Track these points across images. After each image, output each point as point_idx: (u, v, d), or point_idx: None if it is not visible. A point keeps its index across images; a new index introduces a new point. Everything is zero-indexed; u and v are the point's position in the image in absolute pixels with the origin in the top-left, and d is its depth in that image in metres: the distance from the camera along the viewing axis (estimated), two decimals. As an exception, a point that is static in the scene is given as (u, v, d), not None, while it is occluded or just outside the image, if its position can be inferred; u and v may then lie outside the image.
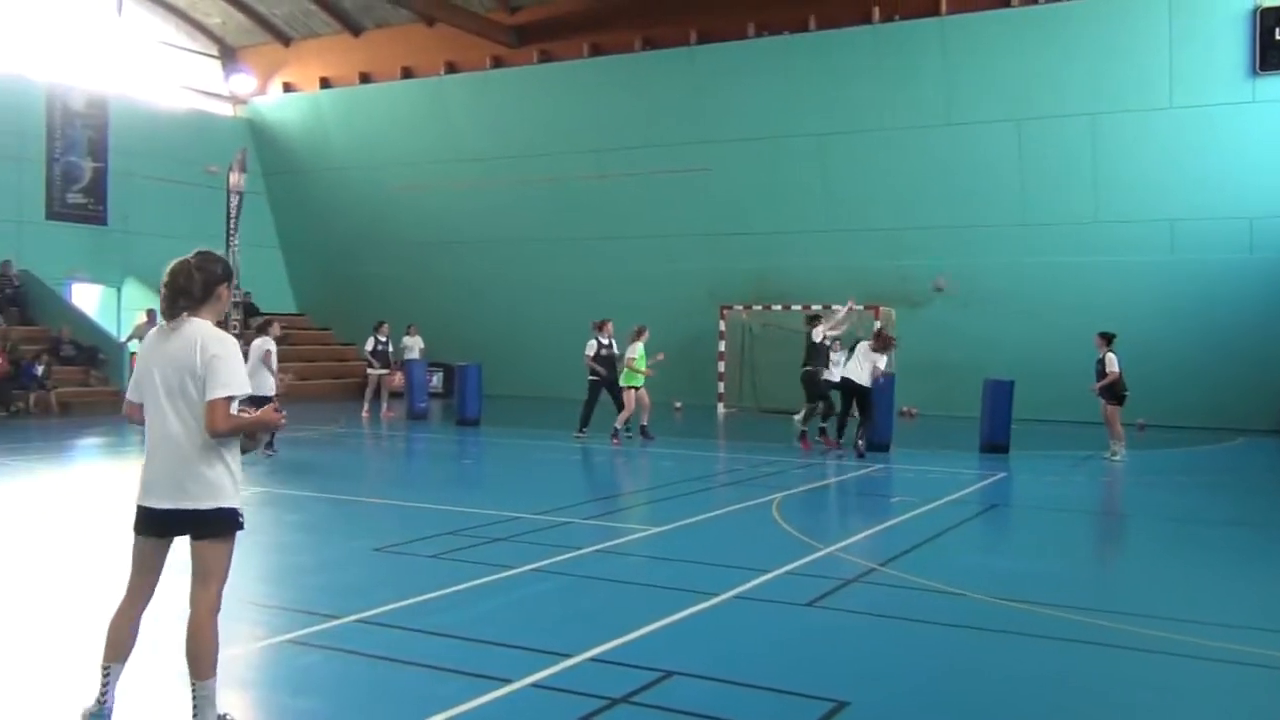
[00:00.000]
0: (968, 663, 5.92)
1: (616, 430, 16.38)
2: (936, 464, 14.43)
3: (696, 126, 24.19)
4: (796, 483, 12.67)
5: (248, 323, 22.91)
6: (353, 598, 6.80)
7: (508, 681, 5.25)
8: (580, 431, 16.83)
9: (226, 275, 4.76)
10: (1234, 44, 19.63)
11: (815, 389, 16.01)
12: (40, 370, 20.40)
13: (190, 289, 4.61)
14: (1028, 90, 21.05)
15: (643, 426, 16.72)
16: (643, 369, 16.47)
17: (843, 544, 8.81)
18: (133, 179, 25.69)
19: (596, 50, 25.93)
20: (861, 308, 17.79)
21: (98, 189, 25.37)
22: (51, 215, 24.49)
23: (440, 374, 25.80)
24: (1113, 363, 15.01)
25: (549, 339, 25.09)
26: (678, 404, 22.35)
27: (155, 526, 4.53)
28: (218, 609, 4.58)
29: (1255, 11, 19.44)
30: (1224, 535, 10.17)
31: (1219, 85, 19.76)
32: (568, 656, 5.65)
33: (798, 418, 16.41)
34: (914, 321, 22.39)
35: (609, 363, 16.88)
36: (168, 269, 4.71)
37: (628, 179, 25.07)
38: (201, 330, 4.54)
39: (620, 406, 16.65)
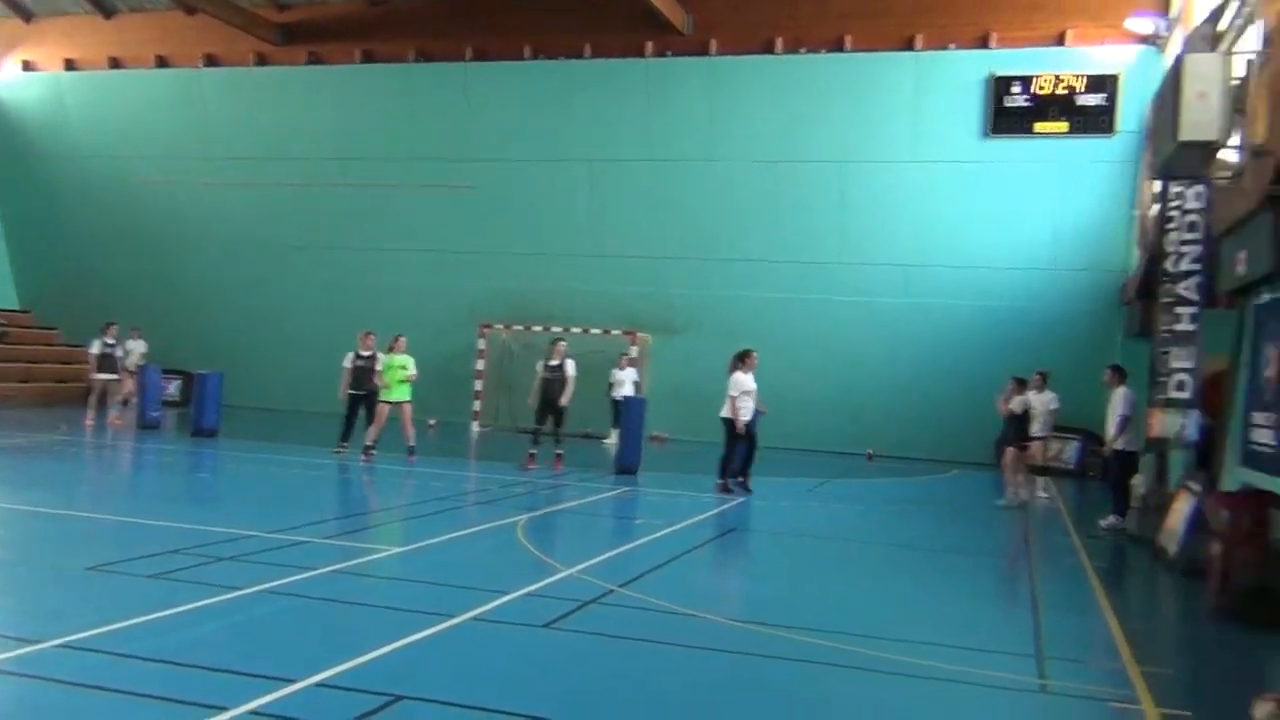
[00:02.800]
0: (700, 683, 6.07)
1: (367, 447, 15.90)
2: (682, 488, 14.80)
3: (466, 143, 24.05)
4: (544, 504, 12.71)
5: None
6: (55, 621, 6.28)
7: (222, 709, 4.97)
8: (340, 446, 16.25)
9: None
10: (970, 107, 21.34)
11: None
12: None
13: None
14: (784, 133, 22.14)
15: (409, 447, 16.16)
16: (393, 380, 15.98)
17: (585, 565, 8.87)
18: None
19: (368, 57, 25.35)
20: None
21: None
22: None
23: (178, 382, 24.39)
24: (1023, 403, 15.10)
25: (301, 350, 24.20)
26: (431, 421, 21.98)
27: None
28: None
29: (989, 79, 21.19)
30: (941, 561, 10.91)
31: (955, 144, 21.41)
32: (291, 681, 5.42)
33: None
34: (669, 349, 23.00)
35: (367, 376, 16.36)
36: None
37: (392, 190, 24.61)
38: None
39: (370, 421, 16.22)
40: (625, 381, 21.02)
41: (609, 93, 23.32)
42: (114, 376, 19.83)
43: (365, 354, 16.52)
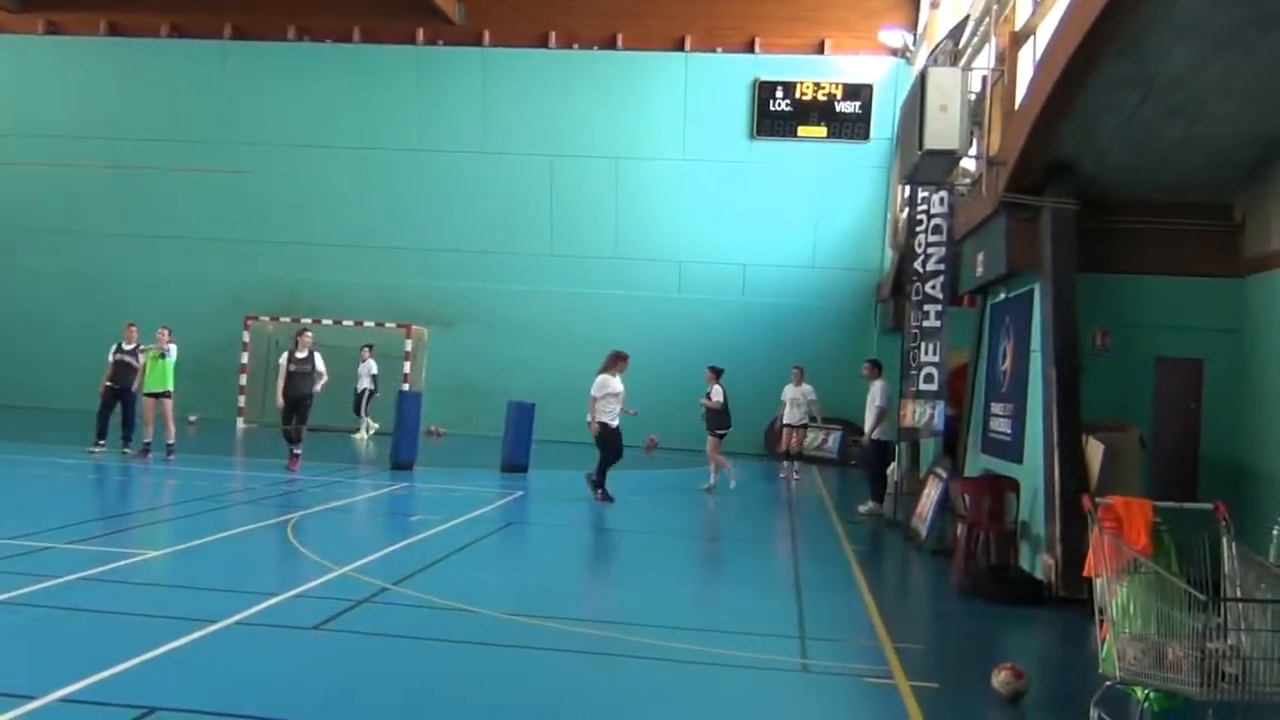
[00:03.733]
0: (470, 678, 6.03)
1: (147, 445, 14.97)
2: (459, 482, 14.67)
3: (226, 125, 22.97)
4: (316, 501, 12.31)
5: None
6: None
7: (-49, 732, 4.57)
8: (96, 445, 15.16)
9: None
10: (737, 109, 22.10)
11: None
12: None
13: None
14: (559, 128, 22.28)
15: (168, 445, 15.29)
16: (153, 373, 15.17)
17: (358, 564, 8.65)
18: None
19: (115, 29, 23.75)
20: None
21: None
22: None
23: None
24: (717, 394, 15.89)
25: (48, 340, 22.47)
26: (192, 418, 20.88)
27: None
28: None
29: (755, 83, 22.01)
30: (709, 548, 11.27)
31: (724, 144, 22.14)
32: (31, 699, 5.03)
33: None
34: (444, 343, 22.74)
35: (128, 370, 15.36)
36: None
37: (146, 172, 23.20)
38: None
39: (129, 417, 15.27)
40: (364, 374, 20.88)
41: (378, 79, 22.81)
42: None
43: (128, 347, 15.56)
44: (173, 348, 15.41)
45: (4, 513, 10.68)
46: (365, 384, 20.95)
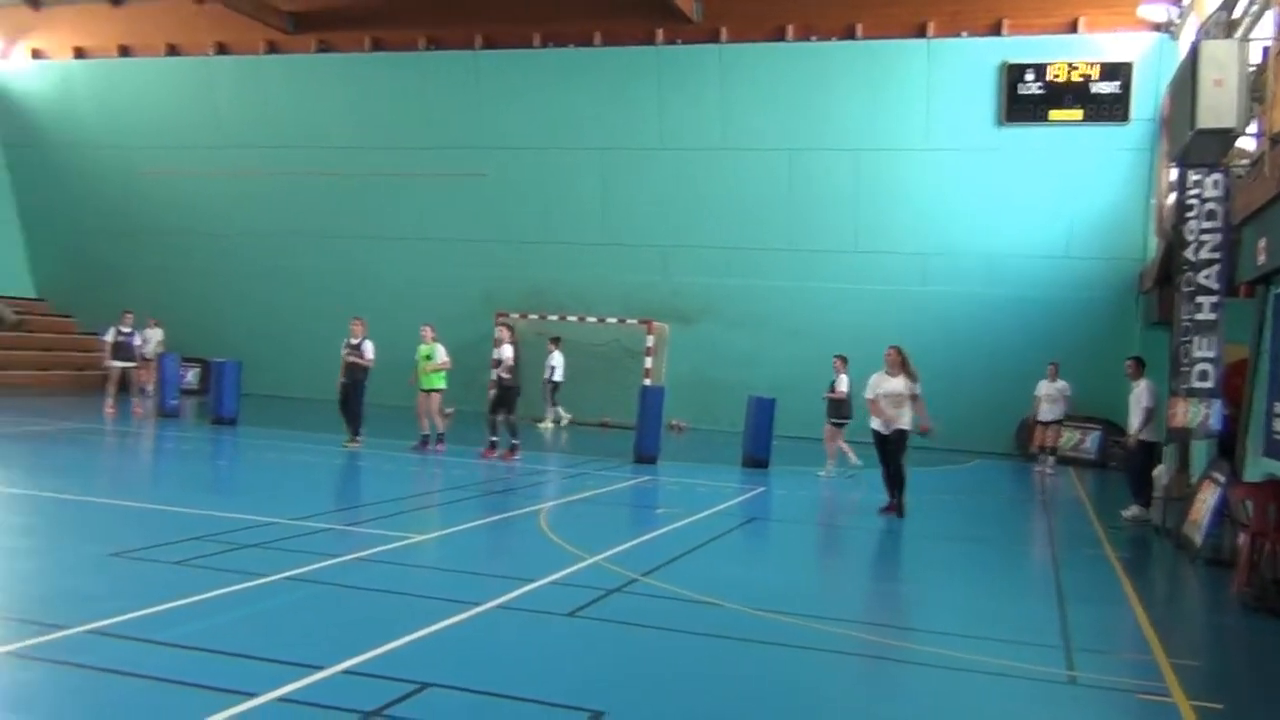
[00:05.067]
0: (722, 671, 6.06)
1: (426, 439, 15.81)
2: (701, 477, 14.79)
3: (477, 131, 24.03)
4: (564, 492, 12.72)
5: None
6: (83, 606, 6.30)
7: (250, 695, 4.98)
8: (355, 438, 16.14)
9: None
10: (984, 95, 21.22)
11: None
12: None
13: None
14: (798, 121, 22.05)
15: (424, 436, 16.14)
16: (421, 370, 15.99)
17: (607, 554, 8.87)
18: None
19: (378, 45, 25.32)
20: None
21: None
22: None
23: (196, 370, 24.45)
24: (844, 384, 15.80)
25: (315, 338, 24.21)
26: (448, 410, 22.00)
27: None
28: None
29: (1003, 67, 21.08)
30: (965, 551, 10.89)
31: (969, 132, 21.30)
32: (318, 669, 5.42)
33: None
34: (684, 338, 22.99)
35: (348, 365, 16.13)
36: None
37: (405, 179, 24.60)
38: None
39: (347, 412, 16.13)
40: (551, 365, 21.58)
41: (620, 80, 23.26)
42: (131, 364, 19.85)
43: (354, 342, 16.23)
44: (440, 347, 15.97)
45: (288, 496, 11.59)
46: (556, 375, 21.71)
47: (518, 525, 10.47)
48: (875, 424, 12.25)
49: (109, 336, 19.75)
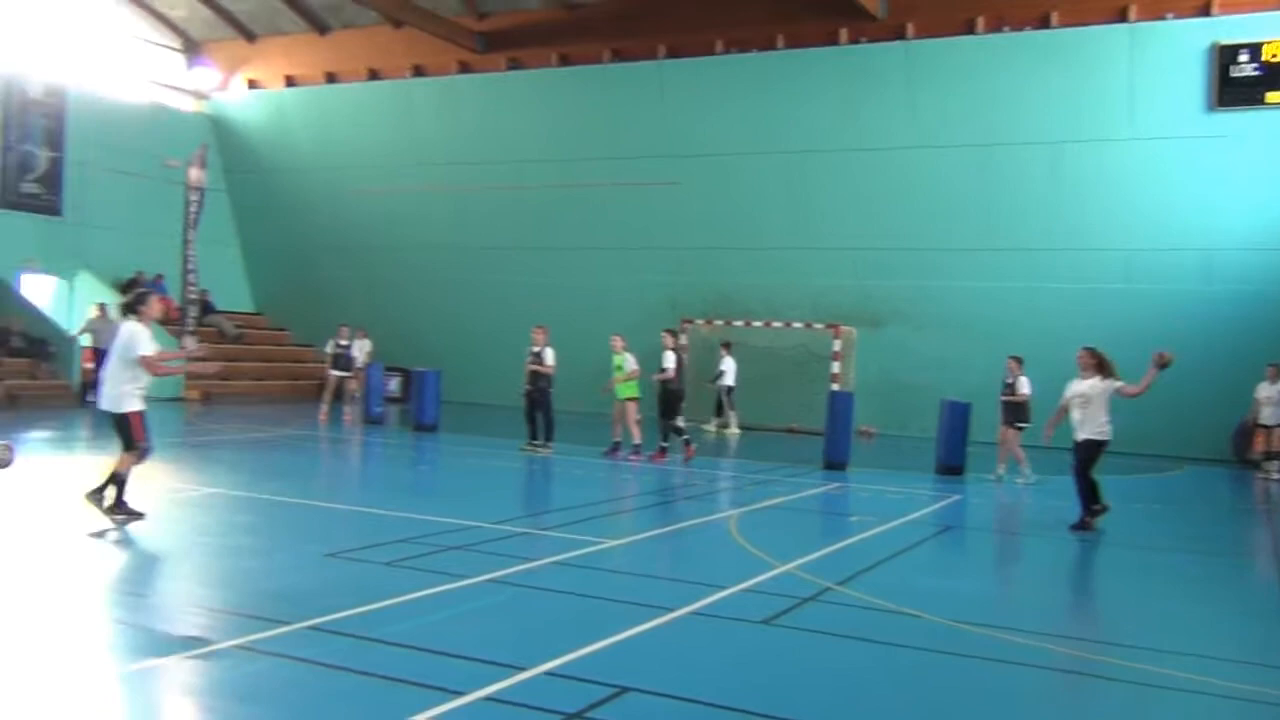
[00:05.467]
0: (921, 684, 5.91)
1: (619, 444, 16.07)
2: (892, 484, 14.48)
3: (663, 140, 24.26)
4: (754, 499, 12.66)
5: (203, 319, 22.68)
6: (303, 603, 6.67)
7: (460, 694, 5.17)
8: (532, 442, 16.54)
9: None
10: (1193, 79, 19.99)
11: None
12: (-13, 362, 19.95)
13: None
14: (990, 116, 21.31)
15: (615, 443, 16.25)
16: (617, 379, 16.18)
17: (800, 562, 8.79)
18: (89, 170, 25.28)
19: (565, 60, 25.92)
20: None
21: (53, 179, 24.94)
22: (4, 204, 24.02)
23: (398, 379, 25.58)
24: (1026, 385, 15.14)
25: (508, 347, 24.87)
26: (638, 416, 22.33)
27: None
28: None
29: (1213, 48, 19.81)
30: (1176, 561, 10.28)
31: (1177, 119, 20.10)
32: (521, 670, 5.58)
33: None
34: (873, 342, 22.57)
35: (533, 372, 16.46)
36: None
37: (592, 190, 25.06)
38: None
39: (532, 419, 16.43)
40: (724, 371, 21.50)
41: (805, 83, 23.02)
42: (346, 374, 21.12)
43: (535, 350, 16.52)
44: (629, 356, 16.09)
45: (486, 500, 11.99)
46: (728, 380, 21.68)
47: (708, 531, 10.50)
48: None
49: (329, 348, 21.03)
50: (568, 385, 19.36)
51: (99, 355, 21.55)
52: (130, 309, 9.43)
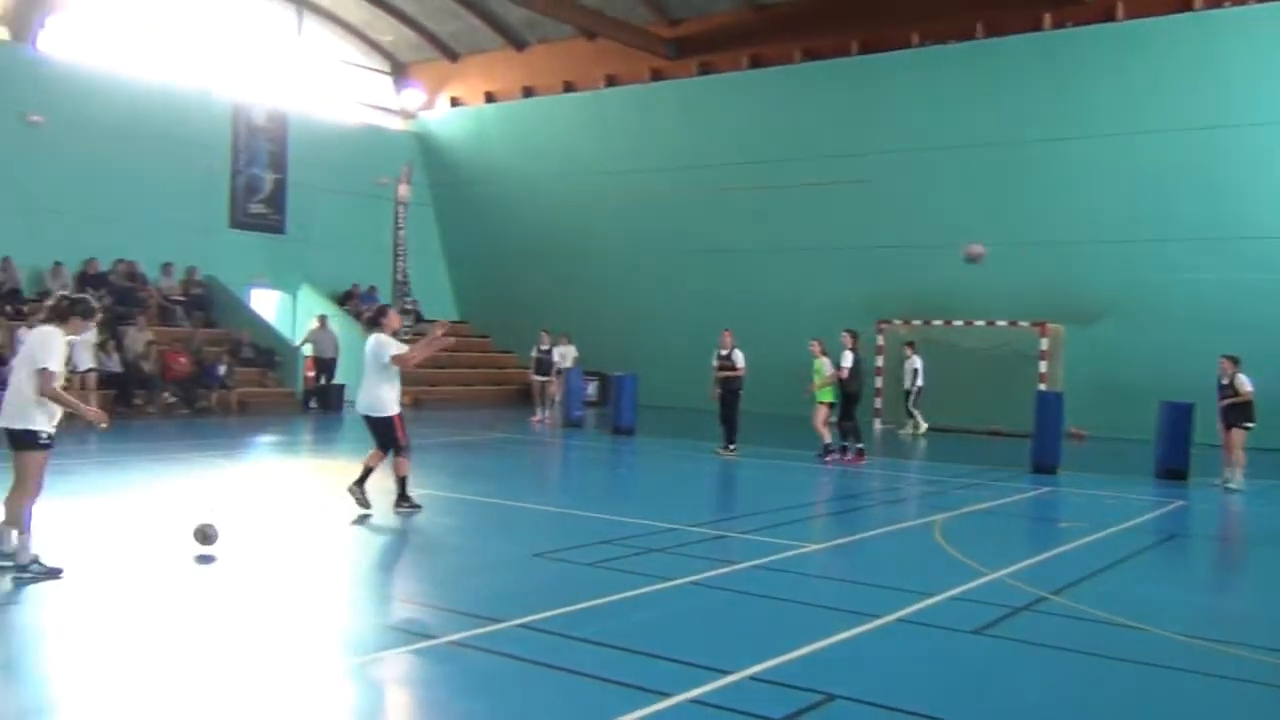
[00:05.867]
0: (1152, 703, 5.59)
1: (829, 449, 15.80)
2: (1107, 489, 13.74)
3: (857, 138, 23.87)
4: (958, 503, 12.26)
5: (417, 328, 23.77)
6: (512, 602, 6.87)
7: (665, 695, 5.20)
8: (728, 445, 16.48)
9: None
10: None
11: None
12: (222, 371, 21.43)
13: None
14: (1218, 96, 19.97)
15: (826, 446, 15.95)
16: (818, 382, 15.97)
17: (1010, 569, 8.44)
18: (308, 190, 26.88)
19: (756, 62, 25.85)
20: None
21: (277, 199, 26.67)
22: (235, 224, 25.86)
23: (595, 383, 26.06)
24: (1247, 384, 14.03)
25: (702, 350, 24.98)
26: (829, 419, 22.00)
27: None
28: None
29: None
30: None
31: None
32: (726, 673, 5.57)
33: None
34: (1082, 340, 21.50)
35: (722, 375, 16.45)
36: None
37: (784, 191, 24.87)
38: None
39: (726, 422, 16.38)
40: (909, 371, 21.24)
41: (1006, 72, 22.20)
42: (547, 378, 21.78)
43: (723, 352, 16.56)
44: (826, 360, 15.85)
45: (684, 503, 12.07)
46: (918, 380, 21.39)
47: (912, 536, 10.24)
48: None
49: (533, 353, 21.79)
50: (763, 388, 19.32)
51: (319, 364, 23.02)
52: (373, 323, 10.41)
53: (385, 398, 10.06)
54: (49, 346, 7.20)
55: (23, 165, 21.88)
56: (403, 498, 10.11)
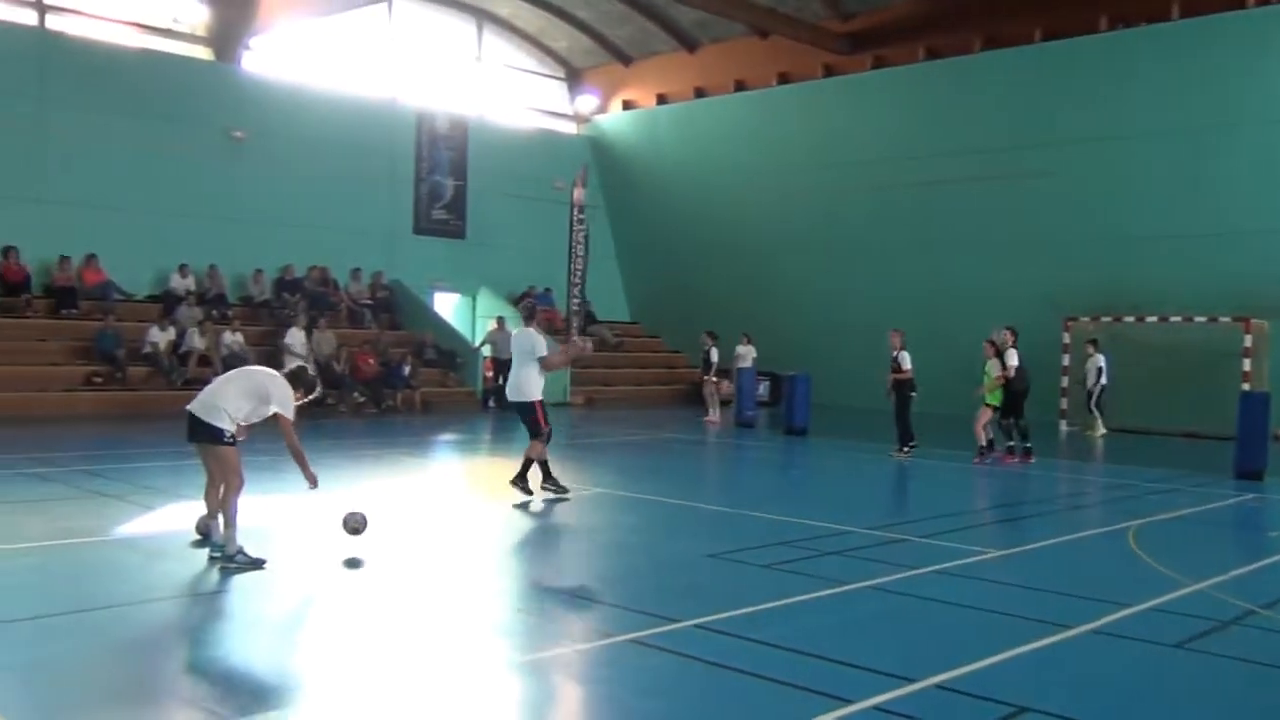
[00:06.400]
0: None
1: (982, 451, 15.42)
2: (1324, 497, 12.80)
3: (1038, 128, 22.97)
4: (1153, 509, 11.63)
5: (586, 329, 24.14)
6: (689, 602, 6.88)
7: (848, 702, 5.10)
8: (906, 446, 16.09)
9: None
10: None
11: None
12: (407, 371, 22.29)
13: None
14: None
15: (1010, 447, 15.47)
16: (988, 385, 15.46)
17: (1214, 580, 7.95)
18: (487, 195, 27.68)
19: (932, 54, 25.19)
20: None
21: (458, 205, 27.56)
22: (418, 230, 26.87)
23: (767, 383, 25.91)
24: None
25: (875, 349, 24.52)
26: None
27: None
28: None
29: None
30: None
31: None
32: (910, 681, 5.43)
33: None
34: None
35: (891, 376, 16.14)
36: None
37: (961, 185, 24.13)
38: None
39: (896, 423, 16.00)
40: (1092, 370, 20.60)
41: (1203, 52, 20.92)
42: (713, 379, 21.91)
43: (892, 354, 16.22)
44: (994, 362, 15.26)
45: (859, 505, 11.87)
46: (1101, 379, 20.55)
47: (1103, 543, 9.76)
48: None
49: (715, 354, 21.99)
50: (939, 387, 18.79)
51: (497, 365, 23.66)
52: (528, 319, 11.58)
53: (530, 385, 10.96)
54: (286, 401, 7.80)
55: (227, 178, 23.35)
56: (521, 478, 10.90)
